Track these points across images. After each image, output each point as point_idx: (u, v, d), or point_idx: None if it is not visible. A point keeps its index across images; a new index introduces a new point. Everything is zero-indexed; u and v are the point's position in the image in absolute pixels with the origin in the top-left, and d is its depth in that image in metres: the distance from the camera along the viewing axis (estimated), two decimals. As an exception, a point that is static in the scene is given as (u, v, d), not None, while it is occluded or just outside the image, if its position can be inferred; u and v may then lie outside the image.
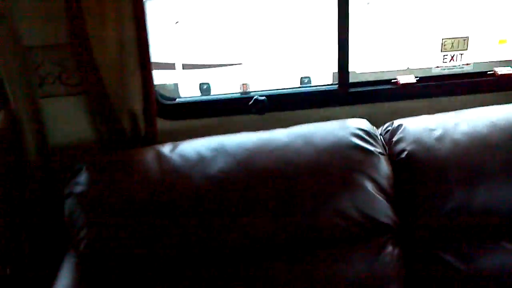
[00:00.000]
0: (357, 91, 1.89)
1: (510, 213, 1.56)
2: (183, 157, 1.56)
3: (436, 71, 1.94)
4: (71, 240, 1.56)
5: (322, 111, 1.84)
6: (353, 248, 1.57)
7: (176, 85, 4.11)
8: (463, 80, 1.93)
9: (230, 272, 1.52)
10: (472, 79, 1.92)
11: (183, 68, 4.04)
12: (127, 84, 1.64)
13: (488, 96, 1.88)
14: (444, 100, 1.87)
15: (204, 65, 4.05)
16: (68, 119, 1.75)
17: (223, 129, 1.66)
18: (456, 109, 1.72)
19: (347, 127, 1.62)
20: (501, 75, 1.91)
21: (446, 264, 1.58)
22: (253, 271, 1.53)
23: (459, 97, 1.88)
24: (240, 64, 4.06)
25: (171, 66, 4.00)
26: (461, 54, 1.92)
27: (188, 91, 4.05)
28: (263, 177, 1.51)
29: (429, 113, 1.70)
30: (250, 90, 1.91)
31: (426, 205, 1.55)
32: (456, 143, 1.58)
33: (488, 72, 1.93)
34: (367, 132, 1.61)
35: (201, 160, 1.54)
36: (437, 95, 1.88)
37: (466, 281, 1.58)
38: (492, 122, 1.64)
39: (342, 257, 1.56)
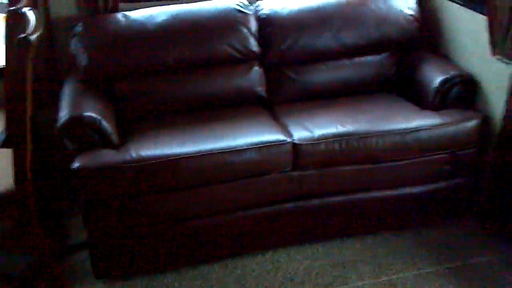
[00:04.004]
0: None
1: (318, 50, 2.89)
2: (141, 14, 2.76)
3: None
4: (72, 67, 2.70)
5: None
6: (237, 67, 2.84)
7: None
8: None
9: (171, 77, 2.77)
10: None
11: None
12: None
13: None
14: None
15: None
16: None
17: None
18: None
19: (233, 1, 2.87)
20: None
21: (288, 77, 2.89)
22: (182, 76, 2.77)
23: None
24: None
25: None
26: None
27: None
28: (187, 24, 2.74)
29: None
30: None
31: (274, 43, 2.84)
32: (291, 10, 2.87)
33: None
34: (244, 4, 2.86)
35: (151, 16, 2.74)
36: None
37: (298, 85, 2.90)
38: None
39: (230, 71, 2.83)
